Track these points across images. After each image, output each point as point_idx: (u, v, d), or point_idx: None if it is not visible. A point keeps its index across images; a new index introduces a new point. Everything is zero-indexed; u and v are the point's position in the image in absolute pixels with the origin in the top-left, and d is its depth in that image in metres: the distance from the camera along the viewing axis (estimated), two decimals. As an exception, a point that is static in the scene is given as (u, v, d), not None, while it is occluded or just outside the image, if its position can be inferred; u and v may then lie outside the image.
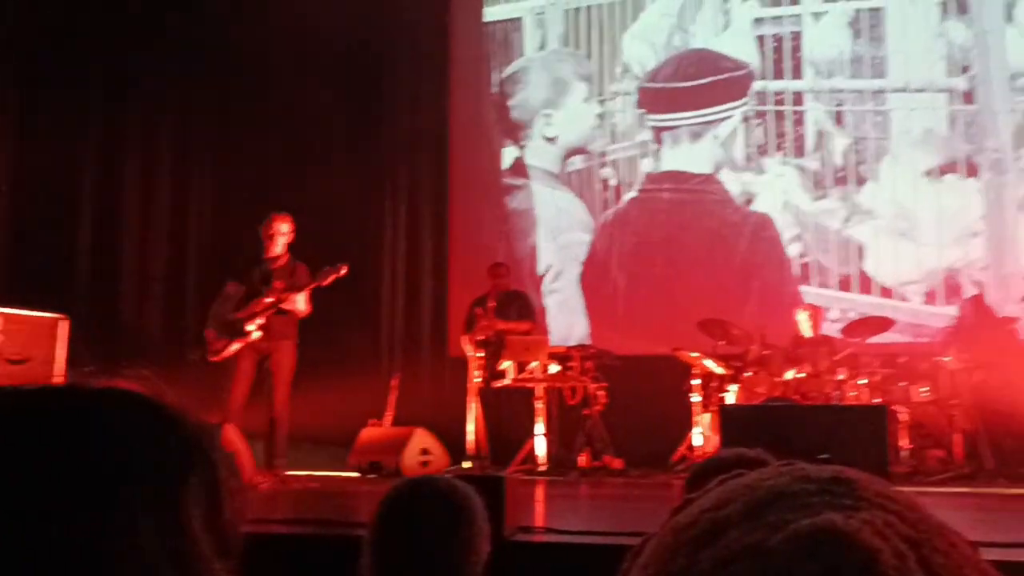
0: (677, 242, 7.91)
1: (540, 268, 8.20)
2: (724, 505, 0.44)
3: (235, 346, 5.55)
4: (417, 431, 6.60)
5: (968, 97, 7.48)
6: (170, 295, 8.36)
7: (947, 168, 7.45)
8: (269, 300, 5.59)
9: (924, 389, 6.18)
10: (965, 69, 7.52)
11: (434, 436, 6.69)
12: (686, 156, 8.02)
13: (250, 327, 5.54)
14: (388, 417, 6.92)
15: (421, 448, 6.53)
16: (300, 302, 5.60)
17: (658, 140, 8.09)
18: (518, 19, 8.60)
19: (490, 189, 8.43)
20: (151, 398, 0.60)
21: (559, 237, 8.20)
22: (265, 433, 5.55)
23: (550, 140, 8.32)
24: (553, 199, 8.27)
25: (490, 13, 8.64)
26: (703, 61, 8.07)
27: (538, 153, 8.35)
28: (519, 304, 7.05)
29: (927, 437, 6.23)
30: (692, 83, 8.04)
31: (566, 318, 7.95)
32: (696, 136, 8.00)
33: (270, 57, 8.08)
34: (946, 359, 6.20)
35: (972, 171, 7.39)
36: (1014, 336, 6.42)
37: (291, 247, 5.85)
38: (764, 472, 0.47)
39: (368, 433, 6.75)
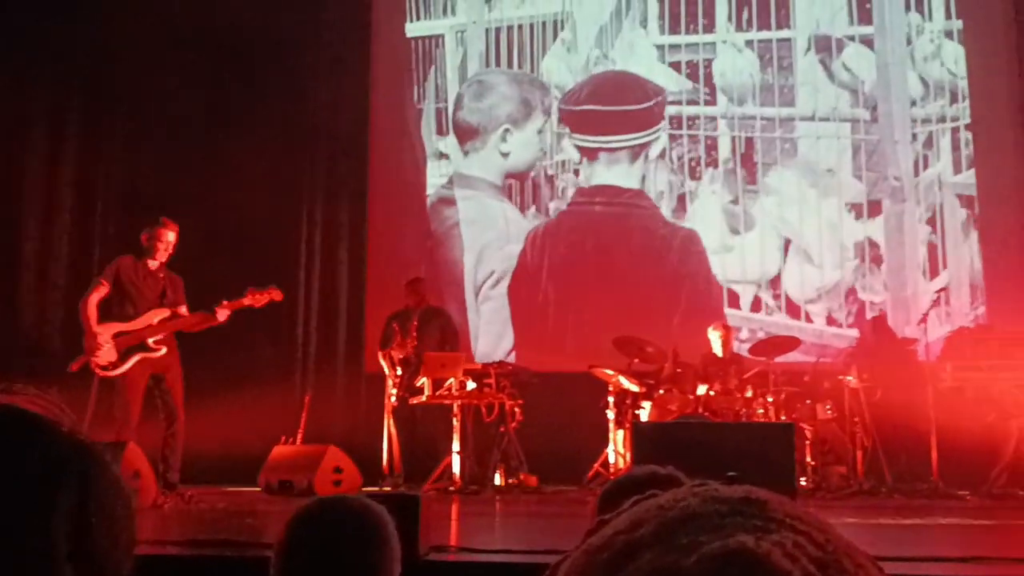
0: (606, 256, 8.01)
1: (481, 276, 8.17)
2: (637, 527, 0.44)
3: (133, 360, 5.33)
4: (330, 449, 6.47)
5: (870, 127, 7.82)
6: (71, 302, 8.02)
7: (850, 195, 7.75)
8: (167, 314, 5.42)
9: (828, 407, 6.38)
10: (867, 101, 7.86)
11: (347, 454, 6.57)
12: (615, 172, 8.13)
13: (152, 341, 5.35)
14: (300, 435, 6.78)
15: (334, 466, 6.40)
16: (223, 315, 5.44)
17: (587, 157, 8.18)
18: (440, 36, 8.61)
19: (412, 200, 8.38)
20: (19, 416, 0.56)
21: (505, 247, 8.20)
22: (159, 450, 5.36)
23: (503, 155, 8.32)
24: (501, 209, 8.27)
25: (412, 29, 8.63)
26: (622, 84, 8.22)
27: (485, 164, 8.33)
28: (441, 322, 7.00)
29: (830, 453, 6.43)
30: (612, 108, 8.18)
31: (497, 329, 7.94)
32: (621, 156, 8.12)
33: (184, 58, 7.89)
34: (848, 378, 6.43)
35: (874, 198, 7.71)
36: (912, 357, 6.69)
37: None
38: (677, 493, 0.46)
39: (279, 451, 6.59)
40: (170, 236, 5.49)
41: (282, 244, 8.11)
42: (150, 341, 5.35)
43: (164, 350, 5.38)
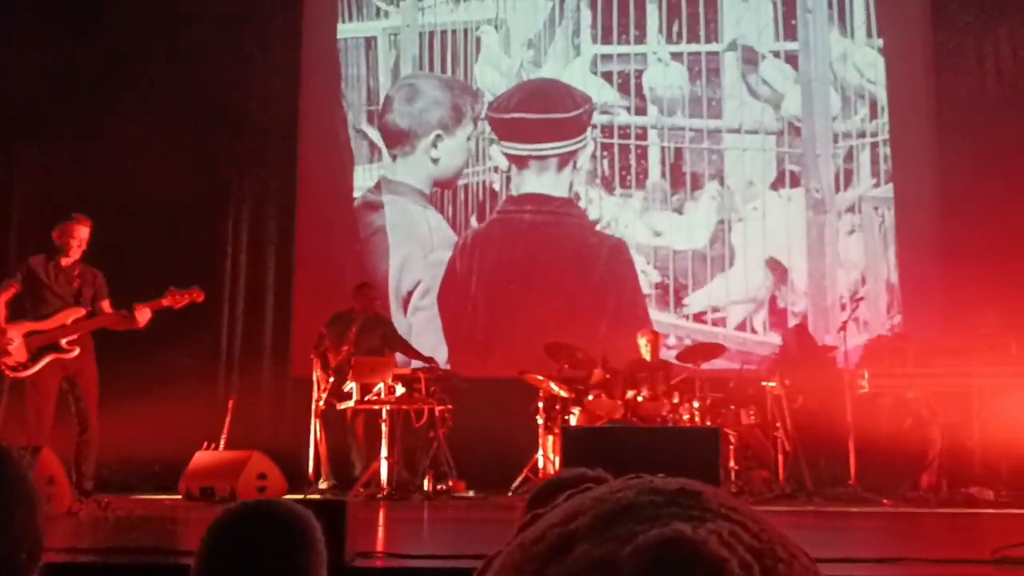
0: (536, 264, 8.03)
1: (406, 285, 8.10)
2: (572, 519, 0.43)
3: (44, 361, 5.12)
4: (254, 455, 6.34)
5: (793, 141, 8.03)
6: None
7: (774, 206, 7.96)
8: (83, 313, 5.23)
9: (751, 413, 6.52)
10: (790, 115, 8.07)
11: (272, 460, 6.45)
12: (544, 180, 8.17)
13: (65, 342, 5.15)
14: (223, 440, 6.62)
15: (258, 473, 6.27)
16: (143, 317, 5.25)
17: (517, 165, 8.20)
18: (373, 38, 8.54)
19: (341, 203, 8.28)
20: None
21: (429, 255, 8.15)
22: (72, 456, 5.17)
23: (433, 161, 8.27)
24: (425, 217, 8.21)
25: (344, 30, 8.54)
26: (549, 93, 8.28)
27: (413, 170, 8.27)
28: (385, 331, 6.91)
29: (753, 458, 6.57)
30: (541, 116, 8.22)
31: (430, 338, 7.88)
32: (550, 164, 8.17)
33: (109, 56, 7.66)
34: (771, 384, 6.57)
35: (796, 210, 7.93)
36: (832, 364, 6.88)
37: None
38: (612, 485, 0.46)
39: (201, 457, 6.43)
40: (83, 232, 5.29)
41: (207, 244, 7.92)
42: (63, 342, 5.15)
43: (77, 351, 5.18)
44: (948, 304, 7.20)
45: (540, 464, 6.45)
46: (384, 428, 6.23)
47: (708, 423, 6.27)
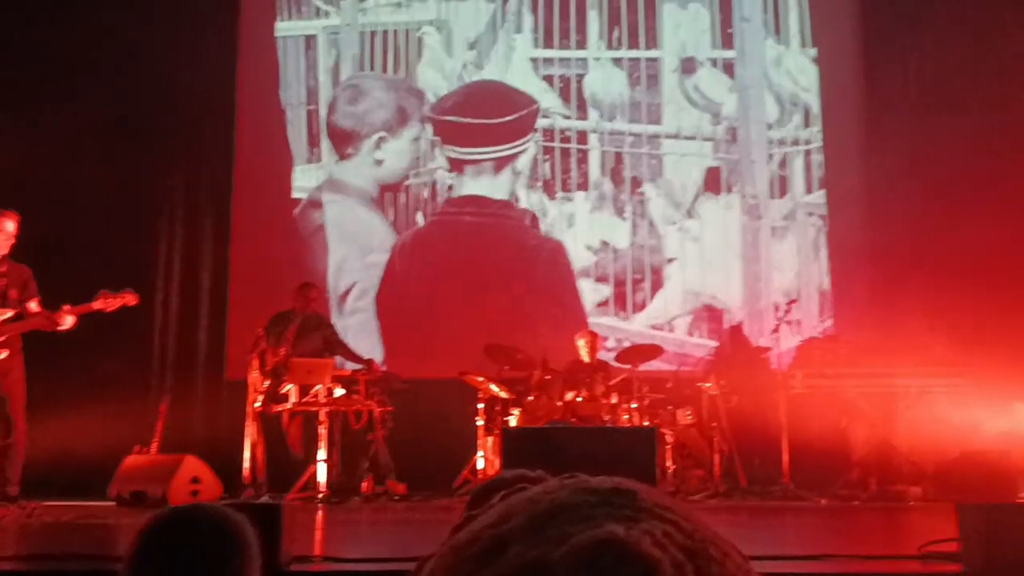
0: (476, 266, 8.02)
1: (343, 286, 8.01)
2: (506, 520, 0.43)
3: None
4: (187, 458, 6.20)
5: (730, 147, 8.18)
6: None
7: (710, 211, 8.09)
8: (10, 315, 5.05)
9: (688, 413, 6.61)
10: (726, 122, 8.22)
11: (206, 464, 6.31)
12: (485, 183, 8.17)
13: None
14: (155, 444, 6.46)
15: (191, 476, 6.14)
16: (68, 321, 5.09)
17: (457, 168, 8.18)
18: (312, 36, 8.43)
19: (279, 203, 8.15)
20: None
21: (368, 256, 8.06)
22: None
23: (377, 163, 8.19)
24: (368, 218, 8.12)
25: (282, 28, 8.41)
26: (494, 95, 8.28)
27: (357, 171, 8.17)
28: (326, 332, 6.81)
29: (689, 458, 6.66)
30: (485, 120, 8.22)
31: (367, 339, 7.80)
32: (492, 167, 8.17)
33: (36, 45, 7.42)
34: (707, 385, 6.68)
35: (732, 215, 8.07)
36: (766, 365, 7.02)
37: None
38: (547, 485, 0.46)
39: (132, 461, 6.26)
40: (8, 226, 5.11)
41: (139, 243, 7.73)
42: (-9, 345, 4.97)
43: (6, 353, 5.00)
44: (877, 307, 7.41)
45: (480, 465, 6.45)
46: (322, 430, 6.15)
47: (646, 423, 6.34)
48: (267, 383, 6.35)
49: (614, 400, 6.53)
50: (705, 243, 8.04)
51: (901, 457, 6.33)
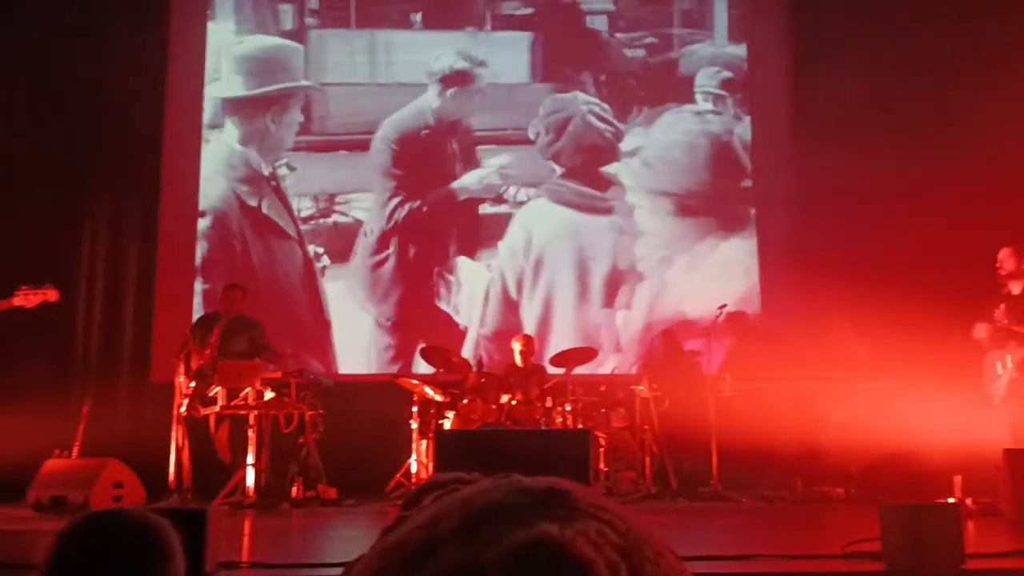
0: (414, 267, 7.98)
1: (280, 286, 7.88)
2: (437, 522, 0.42)
3: None
4: (110, 463, 6.01)
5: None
6: None
7: (646, 212, 8.19)
8: None
9: (621, 415, 6.67)
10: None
11: (130, 468, 6.13)
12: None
13: None
14: (76, 447, 6.25)
15: (114, 481, 5.95)
16: None
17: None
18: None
19: (211, 202, 7.97)
20: None
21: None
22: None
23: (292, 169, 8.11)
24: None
25: (214, 27, 8.26)
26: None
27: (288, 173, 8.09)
28: (252, 333, 6.64)
29: (621, 460, 6.72)
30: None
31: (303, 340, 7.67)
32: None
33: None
34: (640, 388, 6.75)
35: (669, 217, 8.18)
36: (698, 368, 7.12)
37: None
38: (480, 486, 0.45)
39: (52, 465, 6.05)
40: None
41: (64, 243, 7.48)
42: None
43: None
44: (804, 312, 7.57)
45: (413, 469, 6.40)
46: (251, 434, 6.03)
47: (580, 426, 6.37)
48: (193, 385, 6.19)
49: (548, 403, 6.55)
50: (643, 246, 8.13)
51: (826, 458, 6.50)
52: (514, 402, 6.53)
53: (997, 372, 5.82)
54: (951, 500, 5.04)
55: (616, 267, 8.04)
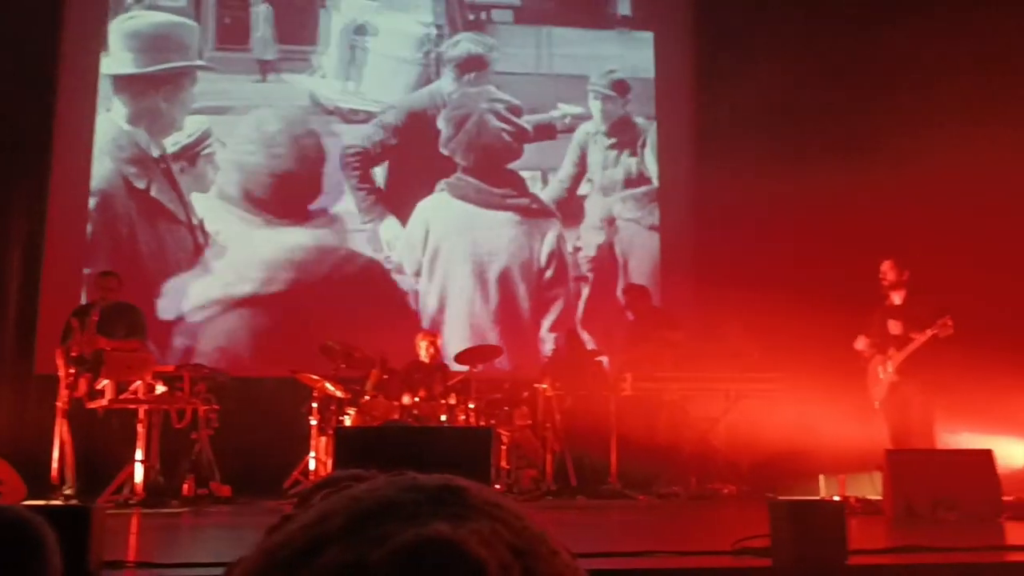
0: (310, 261, 7.83)
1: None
2: (324, 520, 0.40)
3: None
4: (-12, 459, 5.70)
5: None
6: None
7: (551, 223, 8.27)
8: None
9: (524, 414, 6.71)
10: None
11: (9, 464, 5.82)
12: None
13: None
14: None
15: (-9, 478, 5.64)
16: None
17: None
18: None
19: (99, 195, 7.64)
20: None
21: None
22: None
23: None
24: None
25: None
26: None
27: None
28: (129, 319, 6.37)
29: (523, 458, 6.76)
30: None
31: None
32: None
33: None
34: (543, 386, 6.81)
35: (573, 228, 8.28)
36: (600, 368, 7.23)
37: None
38: (372, 483, 0.43)
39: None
40: None
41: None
42: None
43: None
44: (702, 315, 7.77)
45: (311, 467, 6.28)
46: (140, 429, 5.80)
47: (482, 424, 6.38)
48: (73, 372, 5.90)
49: (452, 401, 6.53)
50: (548, 247, 8.20)
51: (720, 457, 6.69)
52: (417, 399, 6.48)
53: (879, 376, 6.10)
54: (836, 498, 5.26)
55: (514, 264, 8.06)
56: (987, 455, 4.93)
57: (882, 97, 7.43)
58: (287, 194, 7.89)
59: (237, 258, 7.73)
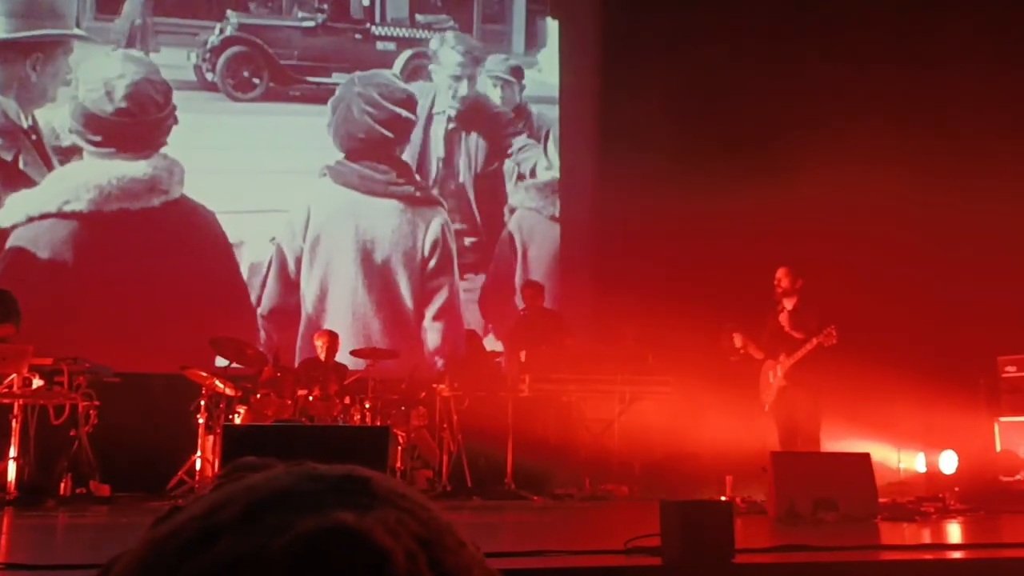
0: (199, 255, 7.57)
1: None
2: (218, 509, 0.37)
3: None
4: None
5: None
6: None
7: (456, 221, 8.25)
8: None
9: (421, 414, 6.66)
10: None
11: None
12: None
13: None
14: None
15: None
16: None
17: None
18: None
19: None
20: None
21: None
22: None
23: None
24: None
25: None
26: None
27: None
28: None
29: (419, 459, 6.71)
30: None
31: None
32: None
33: None
34: (441, 387, 6.77)
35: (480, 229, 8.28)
36: (498, 369, 7.25)
37: None
38: (269, 472, 0.41)
39: None
40: None
41: None
42: None
43: None
44: (598, 319, 7.89)
45: (198, 466, 6.07)
46: (14, 424, 5.49)
47: (379, 423, 6.30)
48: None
49: (347, 400, 6.43)
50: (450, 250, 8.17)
51: (614, 458, 6.81)
52: (311, 398, 6.35)
53: (770, 381, 6.32)
54: (723, 498, 5.41)
55: (397, 253, 7.98)
56: (865, 459, 5.15)
57: (782, 108, 7.67)
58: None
59: (121, 252, 7.41)
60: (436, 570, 0.38)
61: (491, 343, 7.76)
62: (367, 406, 6.40)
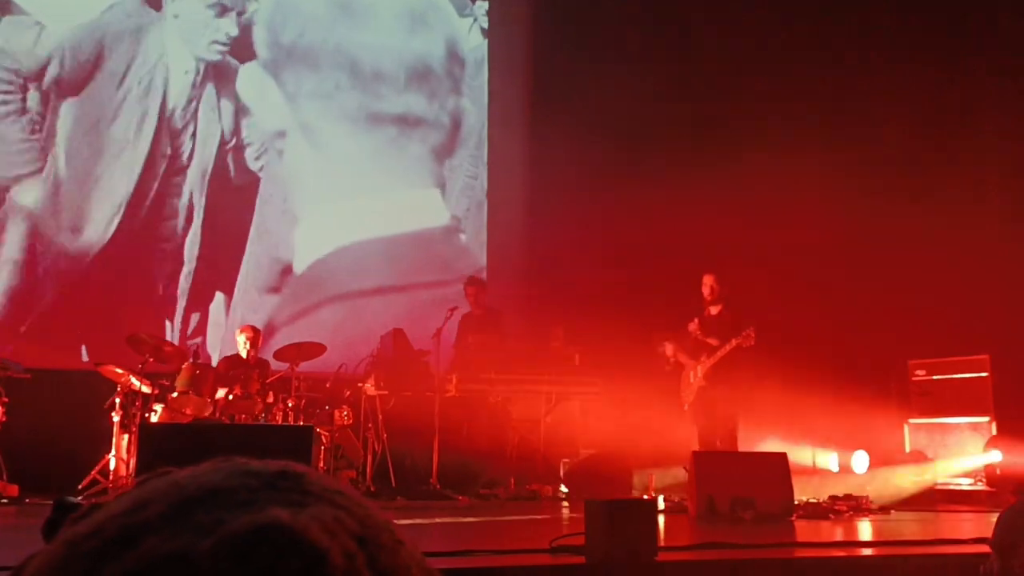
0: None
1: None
2: (142, 507, 0.35)
3: None
4: None
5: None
6: None
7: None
8: None
9: (345, 413, 6.57)
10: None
11: None
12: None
13: None
14: None
15: None
16: None
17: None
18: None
19: None
20: None
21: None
22: None
23: None
24: None
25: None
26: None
27: None
28: None
29: (342, 459, 6.61)
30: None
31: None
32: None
33: None
34: (367, 386, 6.69)
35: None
36: (426, 368, 7.20)
37: None
38: (197, 468, 0.39)
39: None
40: None
41: None
42: None
43: None
44: (527, 319, 7.92)
45: (112, 466, 5.87)
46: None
47: (302, 422, 6.19)
48: None
49: (270, 399, 6.30)
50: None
51: (540, 458, 6.83)
52: (232, 396, 6.20)
53: (690, 381, 6.43)
54: (646, 497, 5.48)
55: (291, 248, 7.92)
56: (782, 458, 5.28)
57: (716, 116, 7.80)
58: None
59: (38, 247, 7.12)
60: (374, 569, 0.37)
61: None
62: (290, 405, 6.29)
